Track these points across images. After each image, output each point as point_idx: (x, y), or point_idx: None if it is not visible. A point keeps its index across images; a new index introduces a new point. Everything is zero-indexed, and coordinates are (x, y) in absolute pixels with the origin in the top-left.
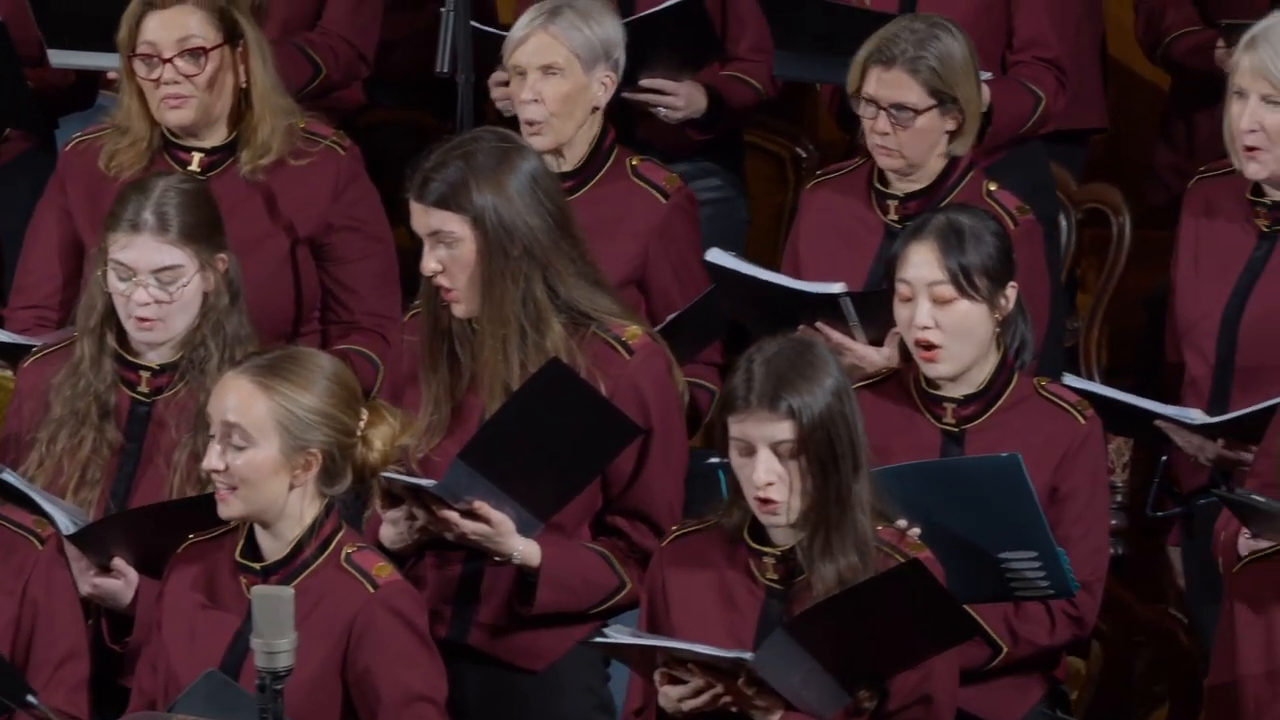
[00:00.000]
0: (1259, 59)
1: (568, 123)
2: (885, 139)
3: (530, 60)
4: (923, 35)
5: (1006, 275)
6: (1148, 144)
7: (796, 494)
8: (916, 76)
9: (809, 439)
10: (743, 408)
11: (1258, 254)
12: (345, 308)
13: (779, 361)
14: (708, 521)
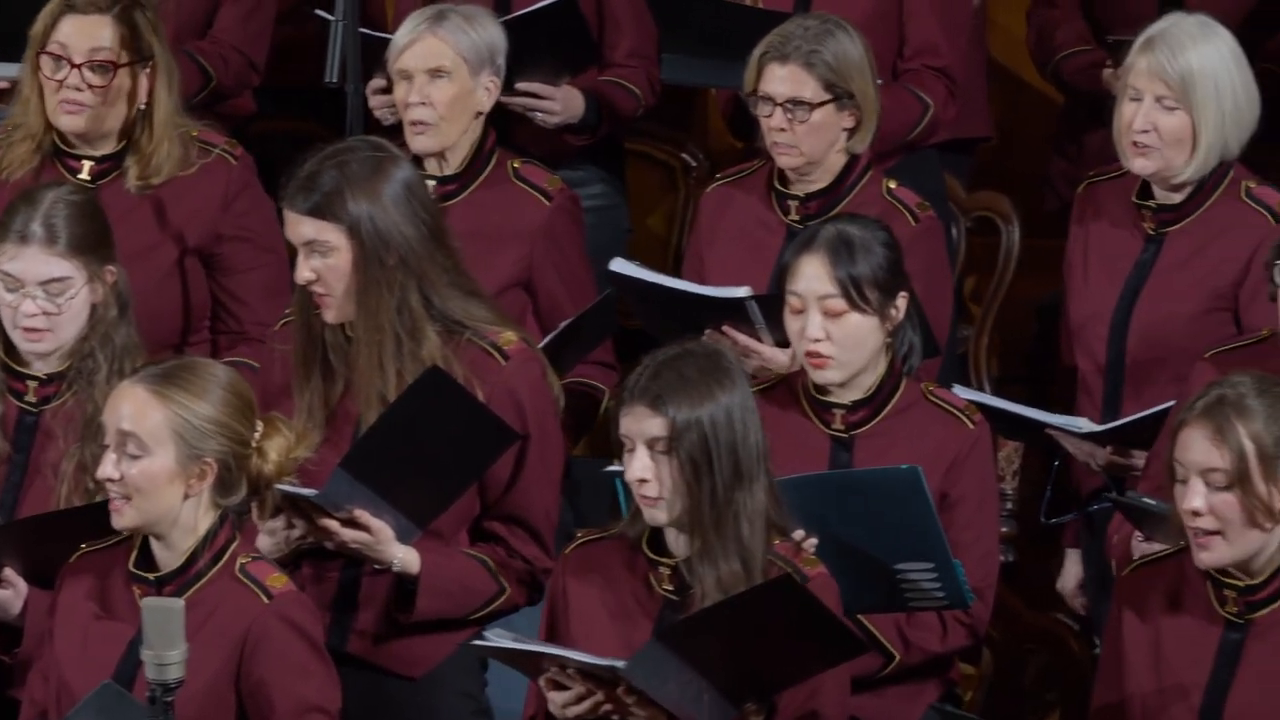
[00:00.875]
0: (1155, 61)
1: (454, 126)
2: (782, 135)
3: (418, 64)
4: (818, 31)
5: (897, 286)
6: (1037, 152)
7: (671, 491)
8: (812, 71)
9: (680, 439)
10: (627, 402)
11: (1145, 256)
12: (235, 318)
13: (676, 364)
14: (611, 530)
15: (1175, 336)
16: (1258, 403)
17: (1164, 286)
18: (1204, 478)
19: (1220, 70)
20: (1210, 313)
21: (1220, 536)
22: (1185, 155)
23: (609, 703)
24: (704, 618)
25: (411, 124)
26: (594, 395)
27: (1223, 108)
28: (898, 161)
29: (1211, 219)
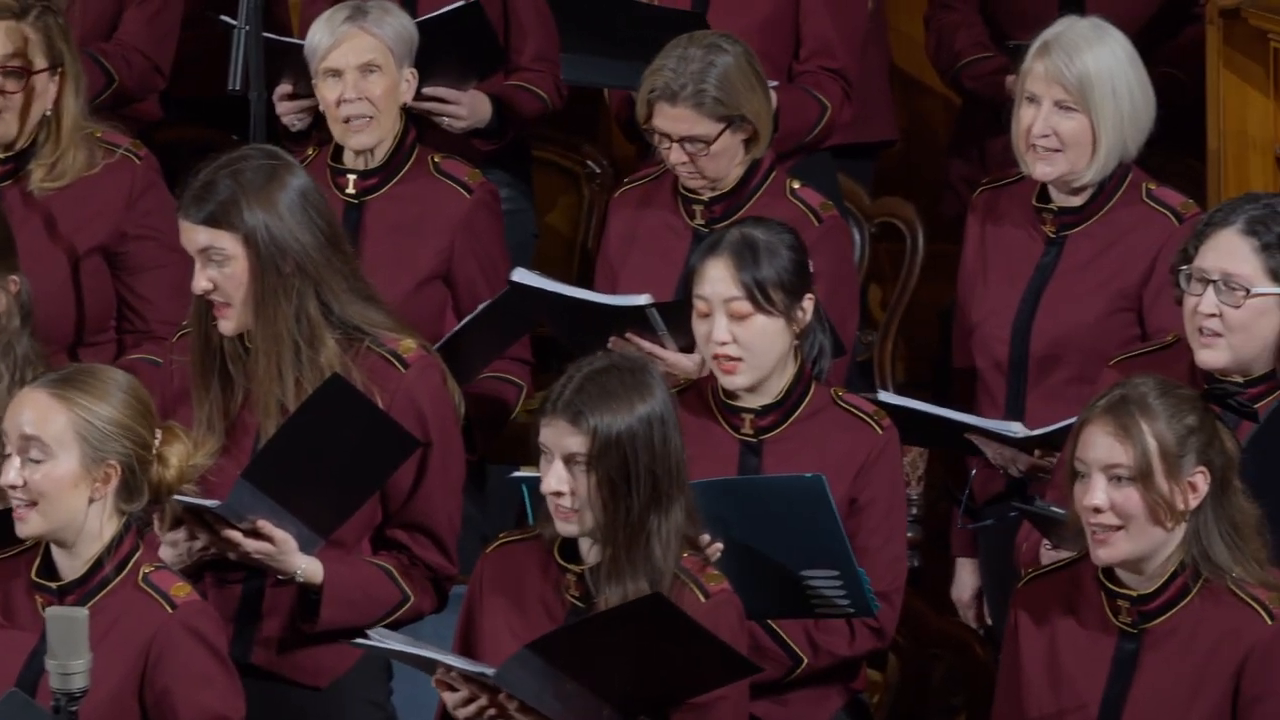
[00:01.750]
0: (1053, 65)
1: (388, 118)
2: (685, 166)
3: (349, 60)
4: (700, 66)
5: (803, 287)
6: (939, 157)
7: (586, 507)
8: (702, 110)
9: (600, 457)
10: (549, 413)
11: (1045, 259)
12: (141, 317)
13: (599, 377)
14: (530, 532)
15: (1079, 337)
16: (1160, 403)
17: (1066, 288)
18: (1106, 473)
19: (1116, 71)
20: (1114, 314)
21: (1122, 532)
22: (1086, 158)
23: (492, 708)
24: (573, 631)
25: (347, 121)
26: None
27: (1120, 109)
28: (794, 164)
29: (1113, 221)
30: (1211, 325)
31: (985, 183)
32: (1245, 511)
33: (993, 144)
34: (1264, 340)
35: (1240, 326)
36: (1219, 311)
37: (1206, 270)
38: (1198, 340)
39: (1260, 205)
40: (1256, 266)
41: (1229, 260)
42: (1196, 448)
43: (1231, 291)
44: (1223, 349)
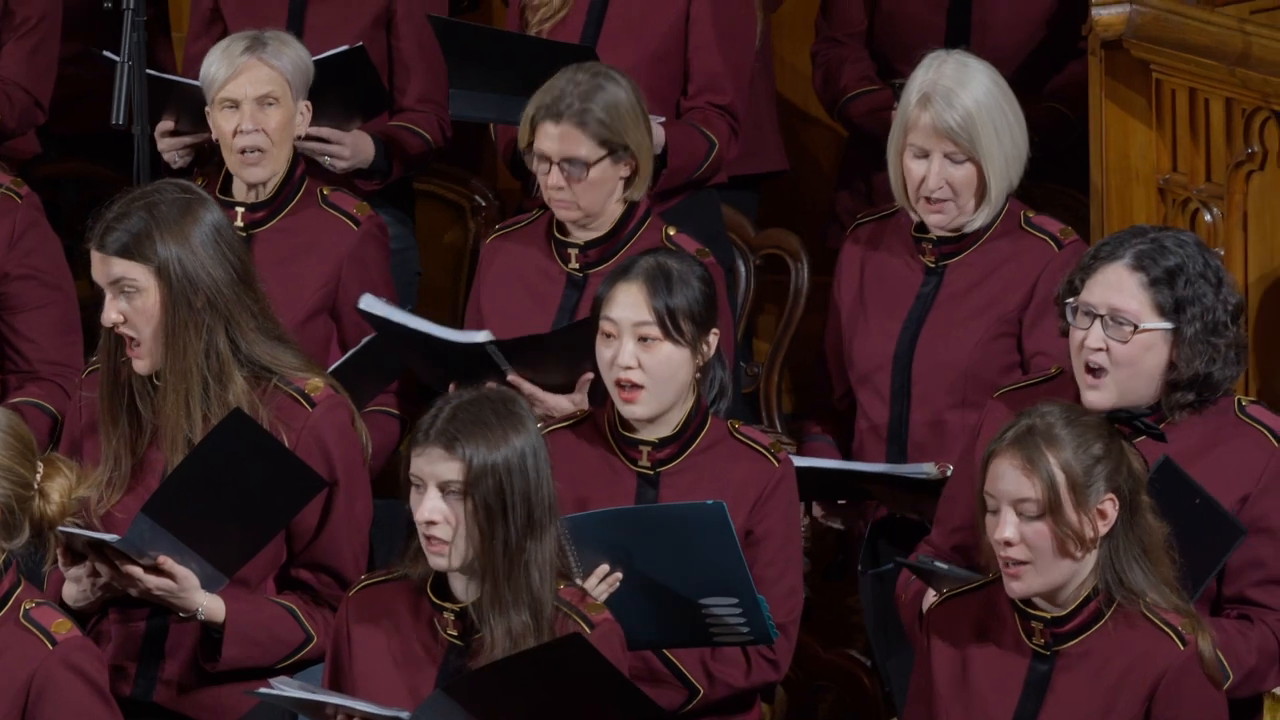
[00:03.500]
0: (940, 119)
1: (283, 151)
2: (560, 192)
3: (248, 91)
4: (588, 88)
5: (710, 321)
6: (825, 189)
7: (461, 537)
8: (585, 130)
9: (475, 484)
10: (421, 442)
11: (925, 289)
12: (23, 357)
13: (470, 407)
14: (395, 573)
15: (961, 364)
16: (1066, 432)
17: (947, 316)
18: (1015, 508)
19: (994, 109)
20: (995, 339)
21: (1031, 566)
22: (975, 201)
23: None
24: (491, 672)
25: (242, 153)
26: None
27: (1004, 148)
28: (679, 201)
29: (992, 249)
30: (1098, 360)
31: (862, 216)
32: (1155, 531)
33: (879, 177)
34: (1149, 376)
35: (1127, 362)
36: (1106, 346)
37: (1094, 305)
38: (1084, 379)
39: (1147, 240)
40: (1144, 302)
41: (1117, 295)
42: (1104, 475)
43: (1119, 327)
44: (1109, 388)
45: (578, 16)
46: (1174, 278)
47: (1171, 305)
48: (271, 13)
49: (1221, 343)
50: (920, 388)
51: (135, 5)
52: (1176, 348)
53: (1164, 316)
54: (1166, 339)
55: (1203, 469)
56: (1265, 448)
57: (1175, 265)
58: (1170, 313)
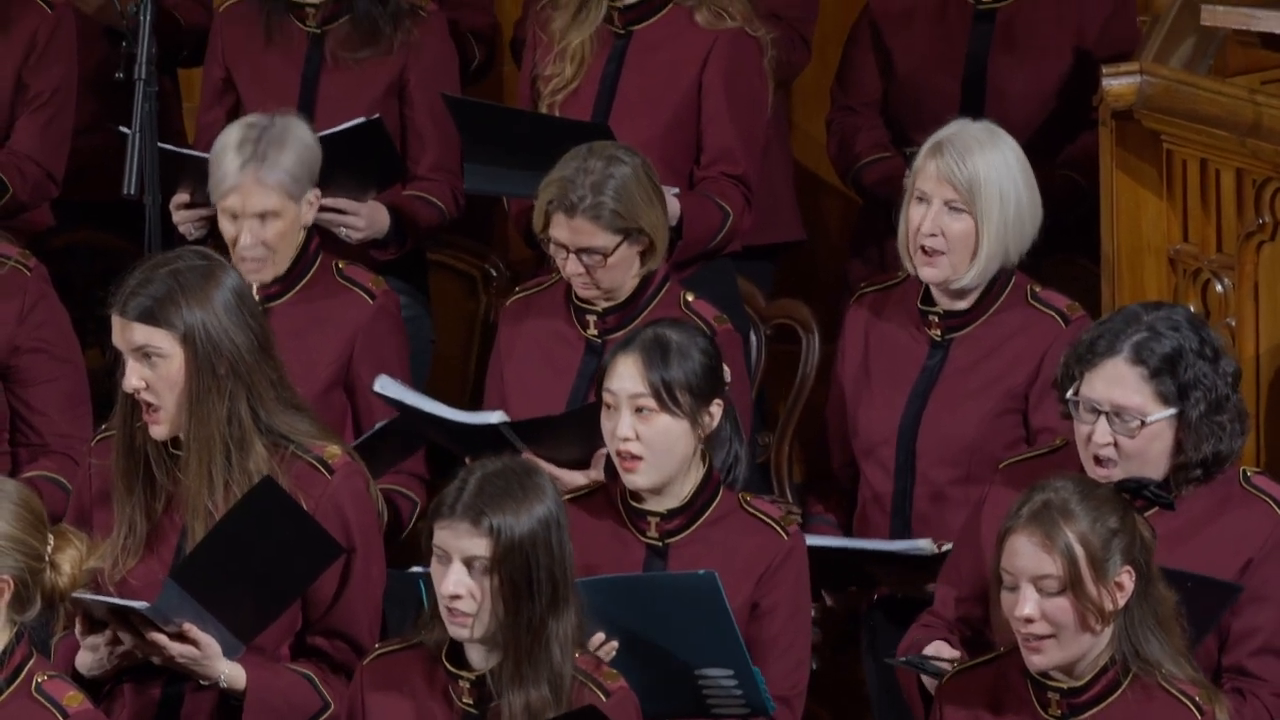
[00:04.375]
0: (945, 165)
1: (286, 253)
2: (580, 277)
3: (245, 207)
4: (600, 177)
5: (712, 392)
6: (838, 258)
7: (486, 611)
8: (599, 222)
9: (504, 560)
10: (446, 516)
11: (931, 362)
12: (34, 430)
13: (494, 479)
14: (410, 640)
15: (966, 439)
16: (1082, 506)
17: (952, 390)
18: (1035, 584)
19: (1005, 178)
20: (1001, 415)
21: (1053, 640)
22: (967, 260)
23: None
24: None
25: (241, 260)
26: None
27: (1005, 215)
28: (695, 271)
29: (999, 323)
30: (1106, 454)
31: (865, 285)
32: (1166, 601)
33: (892, 245)
34: (1158, 460)
35: (1136, 453)
36: (1113, 440)
37: (1097, 401)
38: (1093, 471)
39: (1143, 328)
40: (1148, 395)
41: (1120, 393)
42: (1121, 548)
43: (1125, 423)
44: (1119, 471)
45: (590, 87)
46: (1174, 364)
47: (1175, 392)
48: (284, 83)
49: (1225, 418)
50: (924, 462)
51: (147, 76)
52: (1183, 430)
53: (1168, 404)
54: (1172, 423)
55: (1207, 538)
56: (1270, 517)
57: (1173, 351)
58: (1174, 399)
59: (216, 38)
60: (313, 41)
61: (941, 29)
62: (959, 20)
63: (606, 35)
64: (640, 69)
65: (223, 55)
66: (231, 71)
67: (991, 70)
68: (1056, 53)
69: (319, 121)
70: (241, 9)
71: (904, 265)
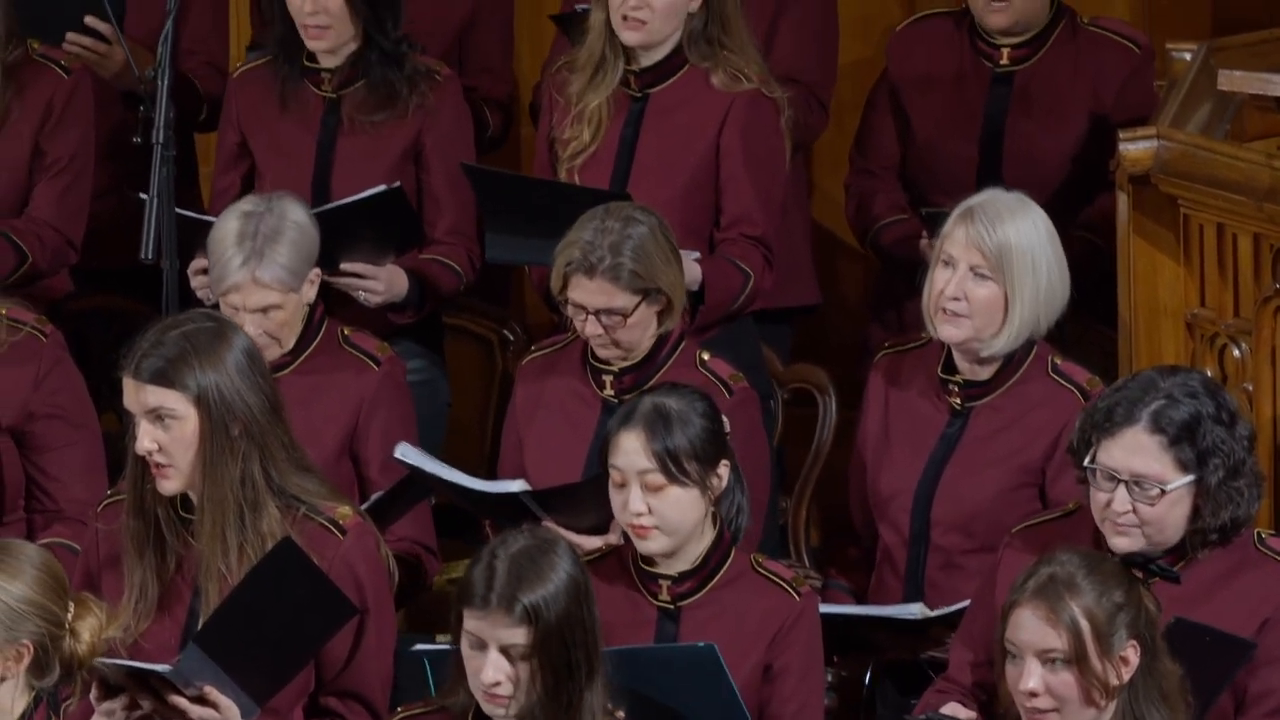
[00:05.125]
0: (974, 231)
1: (290, 332)
2: (599, 339)
3: (245, 303)
4: (617, 238)
5: (717, 455)
6: (855, 321)
7: (524, 691)
8: (619, 283)
9: (543, 646)
10: (480, 606)
11: (950, 430)
12: (50, 496)
13: (521, 560)
14: (433, 705)
15: (981, 509)
16: (1087, 580)
17: (970, 460)
18: (1040, 657)
19: (1037, 247)
20: (1017, 488)
21: (1057, 714)
22: (994, 327)
23: None
24: None
25: None
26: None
27: (1038, 284)
28: (716, 334)
29: (1019, 395)
30: (1125, 521)
31: (888, 346)
32: (1171, 675)
33: (911, 307)
34: (1175, 526)
35: (1155, 520)
36: (1133, 508)
37: (1116, 470)
38: (1111, 531)
39: (1160, 395)
40: (1167, 463)
41: (1139, 461)
42: (1126, 622)
43: (1145, 491)
44: (1138, 539)
45: (608, 151)
46: (1192, 432)
47: (1194, 459)
48: (299, 148)
49: (1243, 484)
50: (938, 530)
51: (164, 140)
52: (1201, 496)
53: (1187, 471)
54: (1190, 490)
55: (1221, 601)
56: None
57: (1191, 418)
58: (1193, 466)
59: (231, 103)
60: (328, 106)
61: (959, 92)
62: (977, 83)
63: (623, 98)
64: (658, 132)
65: (238, 120)
66: (246, 136)
67: (1009, 133)
68: (1074, 116)
69: (335, 186)
70: (256, 74)
71: (926, 328)
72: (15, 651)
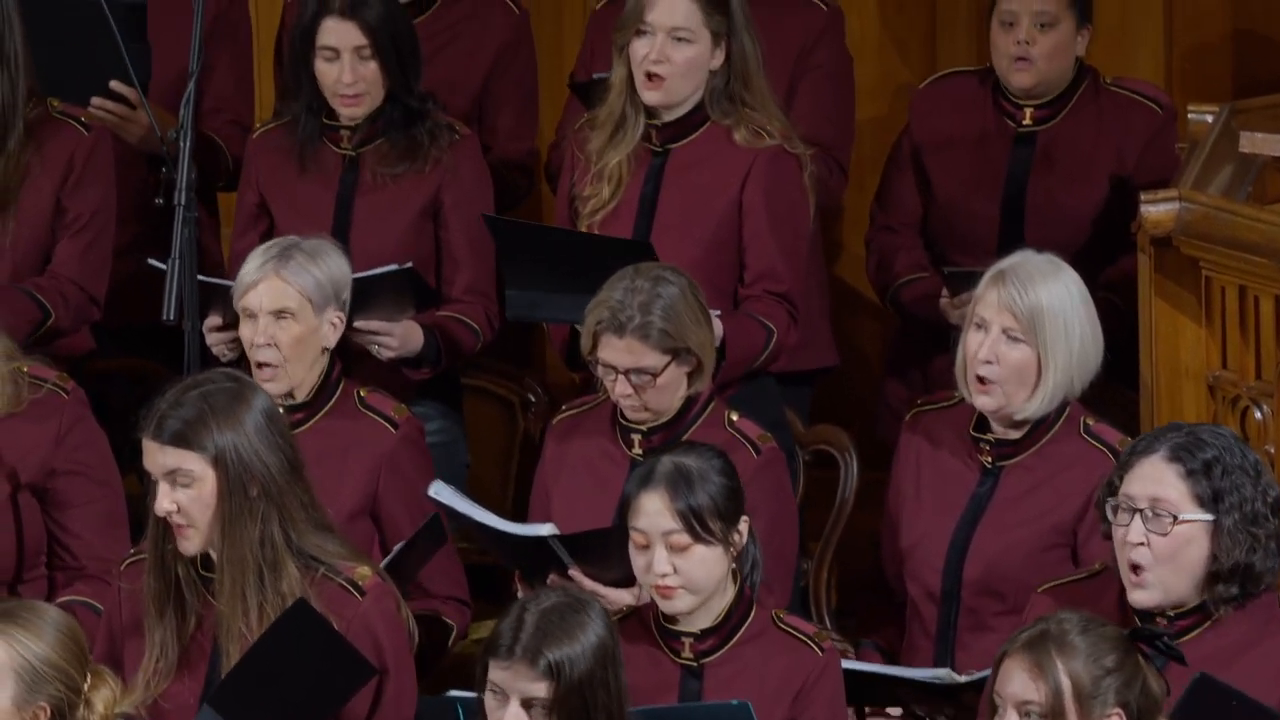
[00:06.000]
0: (1006, 294)
1: (300, 365)
2: (629, 399)
3: (262, 304)
4: (647, 297)
5: (737, 512)
6: (874, 382)
7: None
8: (648, 341)
9: (564, 703)
10: (505, 657)
11: (981, 490)
12: (71, 554)
13: (551, 616)
14: None
15: (1012, 569)
16: (1080, 640)
17: (1001, 520)
18: (1019, 709)
19: (1069, 309)
20: (1048, 549)
21: None
22: (1027, 391)
23: None
24: None
25: (258, 365)
26: (443, 631)
27: (1071, 347)
28: (737, 390)
29: (1051, 455)
30: (1139, 556)
31: (921, 403)
32: None
33: (931, 365)
34: (1192, 571)
35: (1168, 556)
36: (1147, 540)
37: (1134, 498)
38: (1129, 578)
39: (1183, 433)
40: (1183, 492)
41: (1155, 486)
42: (1114, 688)
43: (1159, 518)
44: (1154, 587)
45: (629, 207)
46: (1210, 469)
47: (1210, 496)
48: (318, 206)
49: (1262, 533)
50: (969, 591)
51: (186, 202)
52: (1216, 539)
53: (1203, 507)
54: (1206, 530)
55: (1246, 665)
56: None
57: (1212, 457)
58: (1209, 503)
59: (251, 164)
60: (347, 164)
61: (982, 151)
62: (999, 143)
63: (644, 154)
64: (679, 187)
65: (257, 181)
66: (265, 197)
67: (1031, 193)
68: (1096, 177)
69: (353, 243)
70: (275, 136)
71: (960, 392)
72: (32, 713)
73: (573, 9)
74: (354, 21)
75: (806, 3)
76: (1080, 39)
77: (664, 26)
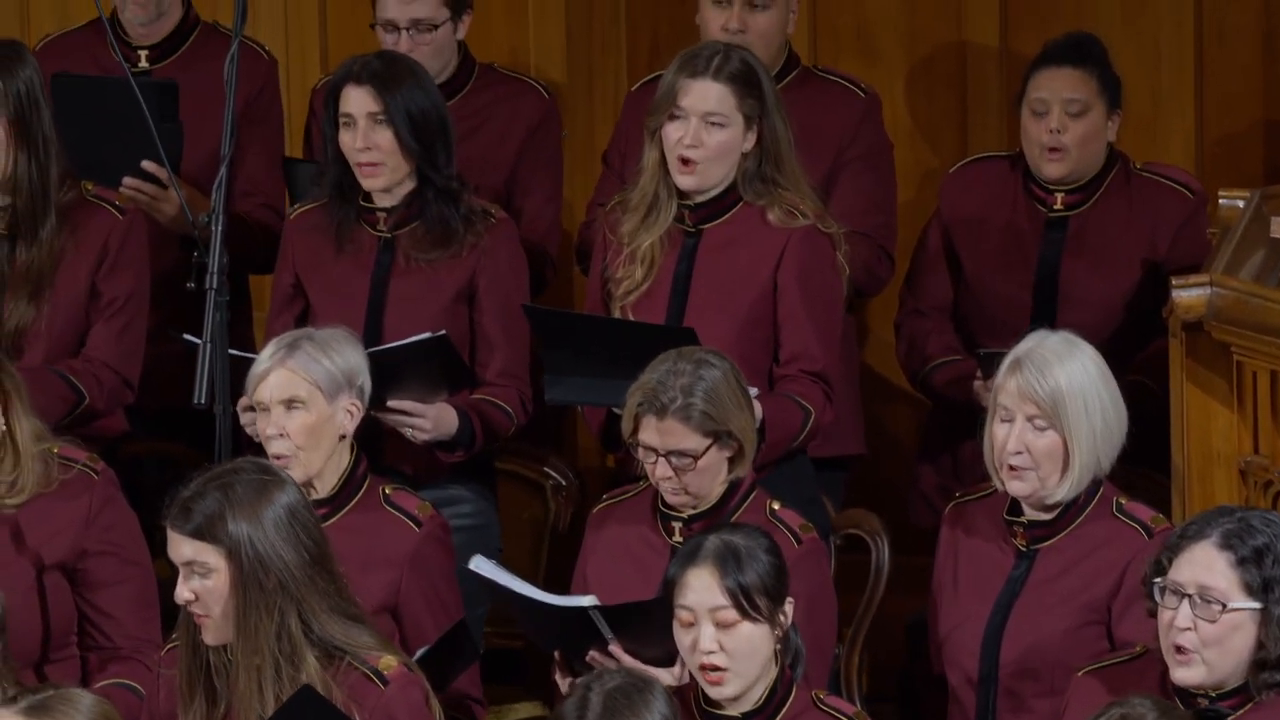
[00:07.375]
0: (1025, 382)
1: (315, 454)
2: (669, 482)
3: (272, 395)
4: (689, 380)
5: (783, 592)
6: (905, 467)
7: None
8: (690, 423)
9: None
10: None
11: (1016, 573)
12: (104, 634)
13: (617, 696)
14: None
15: (1049, 651)
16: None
17: (1037, 601)
18: None
19: (1088, 388)
20: (1084, 627)
21: None
22: (1058, 475)
23: None
24: None
25: (274, 457)
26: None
27: (1093, 425)
28: (771, 471)
29: (1084, 535)
30: (1186, 640)
31: (957, 497)
32: None
33: (962, 450)
34: (1238, 656)
35: (1215, 641)
36: (1194, 625)
37: (1182, 584)
38: (1173, 657)
39: (1234, 519)
40: (1233, 581)
41: (1205, 574)
42: None
43: (1207, 605)
44: (1199, 666)
45: (662, 288)
46: (1262, 557)
47: (1260, 585)
48: (354, 287)
49: None
50: (1006, 673)
51: (218, 285)
52: (1265, 627)
53: (1252, 596)
54: (1255, 618)
55: None
56: None
57: (1263, 545)
58: (1259, 592)
59: (288, 245)
60: (382, 246)
61: (1012, 235)
62: (1031, 227)
63: (677, 234)
64: (712, 268)
65: (293, 263)
66: (301, 278)
67: (1063, 277)
68: (1128, 262)
69: (388, 325)
70: (312, 218)
71: (993, 481)
72: None
73: (603, 87)
74: (368, 86)
75: (844, 89)
76: (1111, 125)
77: (697, 111)
